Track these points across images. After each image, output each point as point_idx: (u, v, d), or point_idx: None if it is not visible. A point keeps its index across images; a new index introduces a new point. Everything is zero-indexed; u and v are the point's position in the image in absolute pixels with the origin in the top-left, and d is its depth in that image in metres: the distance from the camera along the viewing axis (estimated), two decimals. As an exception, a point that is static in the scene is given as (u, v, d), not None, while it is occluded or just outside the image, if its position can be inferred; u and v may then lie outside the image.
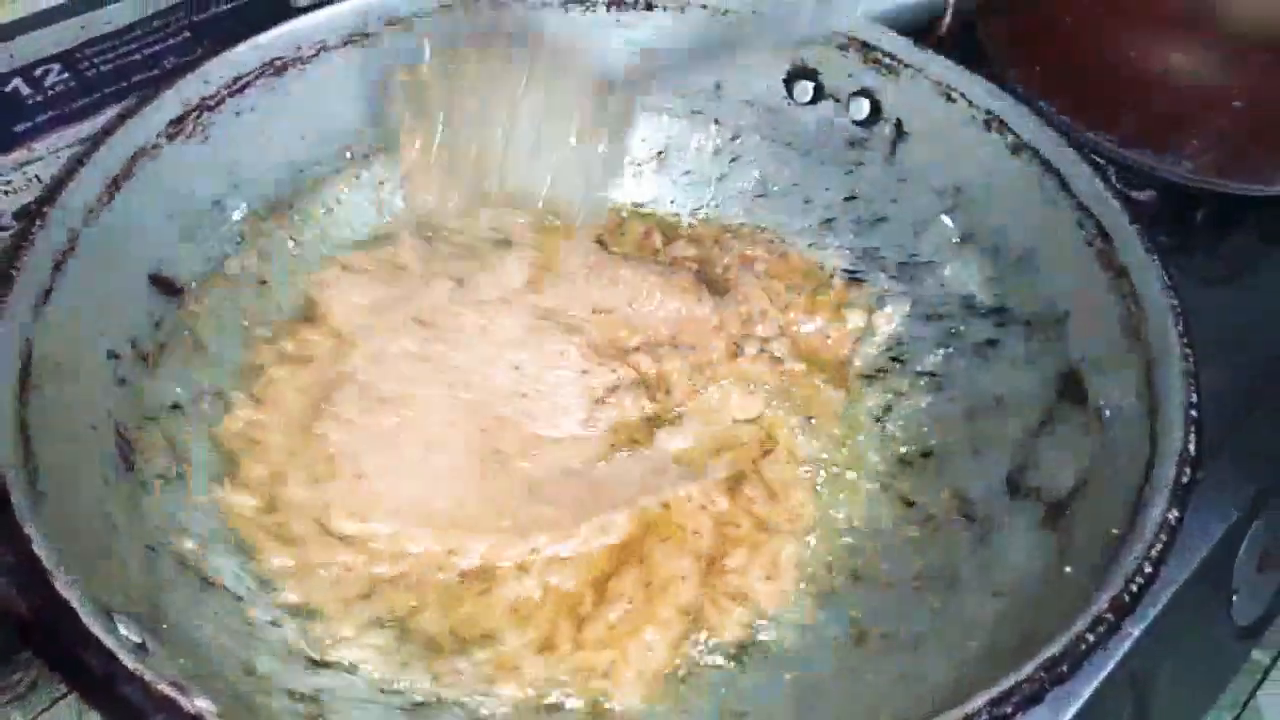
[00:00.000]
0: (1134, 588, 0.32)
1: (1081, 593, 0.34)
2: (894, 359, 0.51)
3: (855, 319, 0.52)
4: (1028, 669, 0.30)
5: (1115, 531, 0.35)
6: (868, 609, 0.43)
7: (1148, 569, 0.32)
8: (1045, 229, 0.46)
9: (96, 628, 0.29)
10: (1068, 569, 0.38)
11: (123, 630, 0.31)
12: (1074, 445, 0.42)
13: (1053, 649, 0.30)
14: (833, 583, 0.44)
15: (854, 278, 0.53)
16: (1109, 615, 0.31)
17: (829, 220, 0.54)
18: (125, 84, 0.60)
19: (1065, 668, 0.30)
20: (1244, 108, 0.54)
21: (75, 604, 0.29)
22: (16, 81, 0.60)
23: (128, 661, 0.28)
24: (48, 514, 0.33)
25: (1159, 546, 0.33)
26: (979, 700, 0.29)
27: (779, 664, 0.42)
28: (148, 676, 0.28)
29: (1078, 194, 0.45)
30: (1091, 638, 0.30)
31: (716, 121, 0.56)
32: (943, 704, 0.35)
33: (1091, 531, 0.38)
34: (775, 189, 0.55)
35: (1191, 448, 0.35)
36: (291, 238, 0.50)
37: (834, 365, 0.51)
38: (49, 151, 0.57)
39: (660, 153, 0.56)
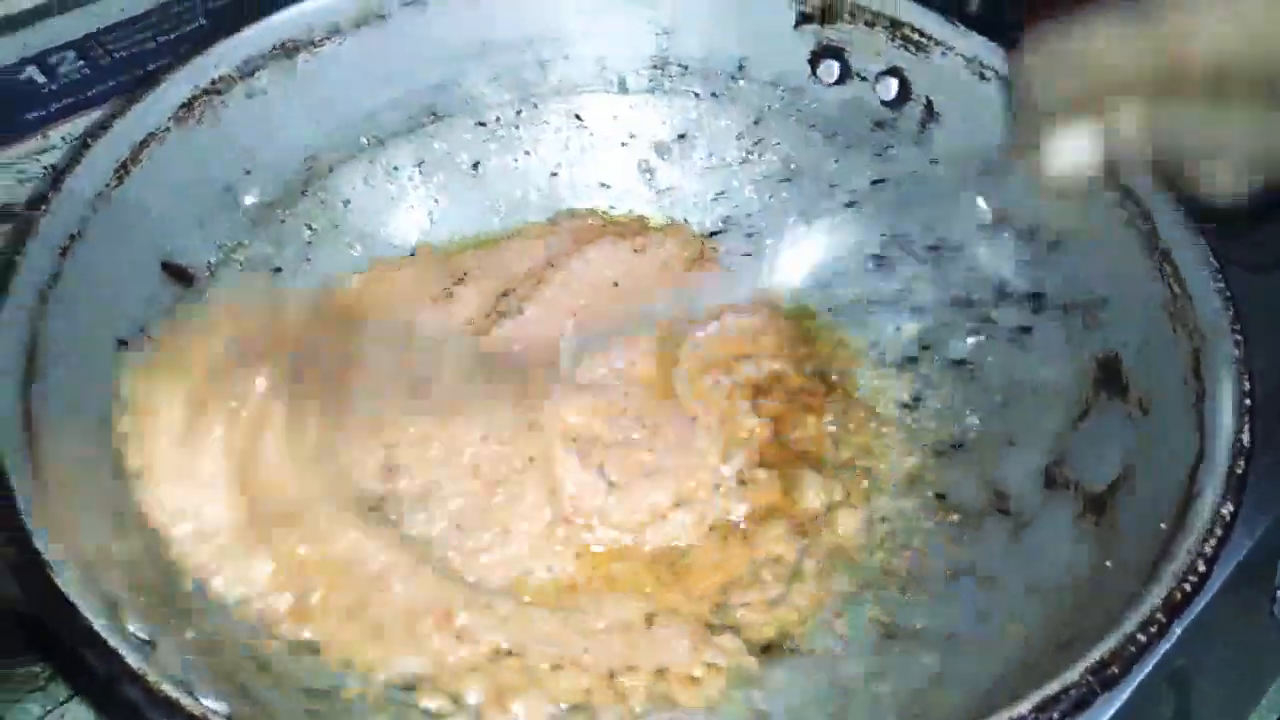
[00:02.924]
0: (1187, 586, 0.30)
1: (1126, 588, 0.33)
2: (923, 346, 0.49)
3: None
4: (1076, 671, 0.28)
5: (1163, 526, 0.33)
6: (897, 605, 0.42)
7: (1201, 566, 0.30)
8: (1083, 210, 0.44)
9: (99, 625, 0.28)
10: (1109, 564, 0.36)
11: (130, 627, 0.30)
12: (1115, 435, 0.40)
13: (1101, 650, 0.29)
14: (860, 579, 0.43)
15: (881, 262, 0.51)
16: (1160, 615, 0.29)
17: (854, 204, 0.53)
18: (140, 71, 0.59)
19: (1115, 670, 0.28)
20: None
21: (78, 601, 0.28)
22: (30, 69, 0.59)
23: (131, 661, 0.27)
24: (52, 507, 0.32)
25: (1212, 542, 0.31)
26: (1024, 705, 0.28)
27: (805, 663, 0.40)
28: (151, 676, 0.27)
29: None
30: (1143, 638, 0.29)
31: (738, 104, 0.54)
32: (982, 706, 0.34)
33: (1136, 525, 0.36)
34: (799, 173, 0.54)
35: (1245, 438, 0.33)
36: (306, 224, 0.49)
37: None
38: (63, 140, 0.56)
39: (681, 136, 0.55)
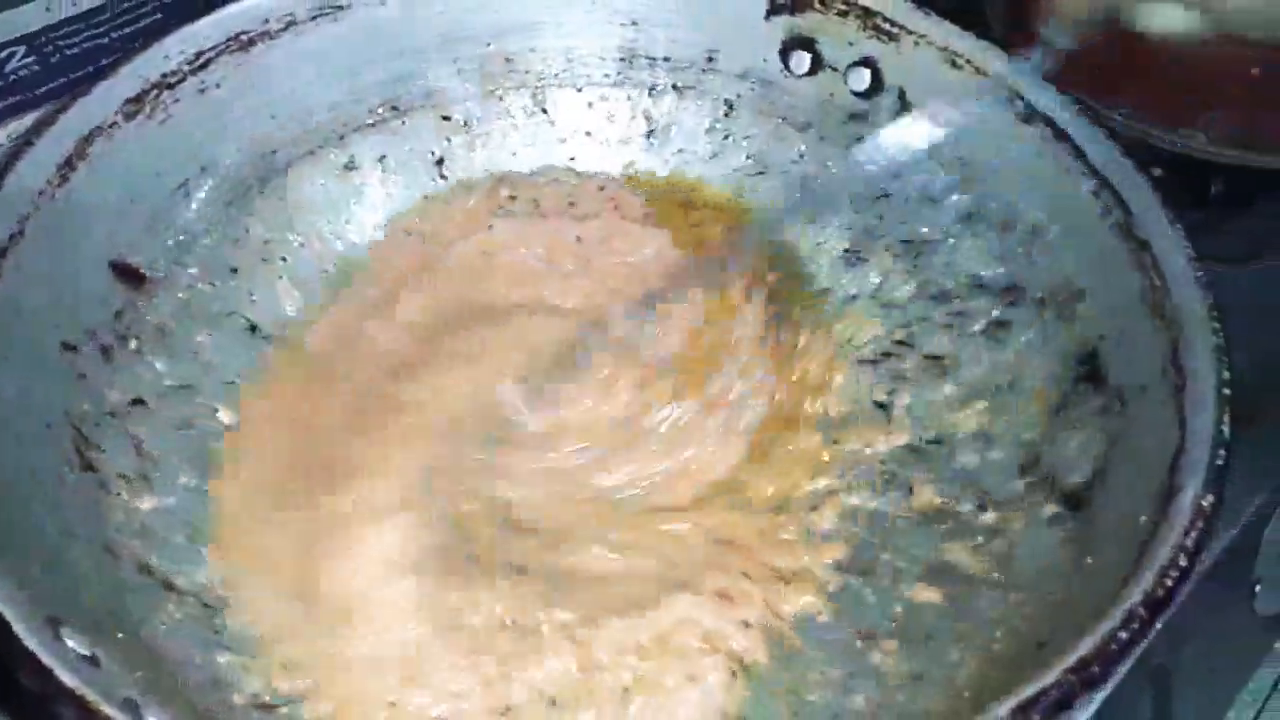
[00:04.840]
0: (1169, 581, 0.29)
1: (1107, 584, 0.32)
2: (899, 341, 0.48)
3: None
4: (1055, 672, 0.27)
5: (1144, 519, 0.32)
6: (875, 606, 0.41)
7: (1182, 561, 0.30)
8: (1059, 201, 0.44)
9: (33, 642, 0.26)
10: (1089, 559, 0.36)
11: (71, 643, 0.29)
12: (1093, 428, 0.39)
13: (1081, 649, 0.28)
14: (835, 579, 0.41)
15: (855, 257, 0.50)
16: (1142, 611, 0.28)
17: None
18: (93, 68, 0.58)
19: (1097, 669, 0.27)
20: (1263, 75, 0.52)
21: (10, 617, 0.27)
22: (-23, 66, 0.57)
23: (67, 679, 0.26)
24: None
25: (1194, 535, 0.30)
26: (1002, 708, 0.27)
27: (780, 669, 0.39)
28: (89, 696, 0.25)
29: (1094, 163, 0.42)
30: (1125, 635, 0.28)
31: (708, 97, 0.53)
32: (961, 707, 0.33)
33: (1115, 519, 0.35)
34: (771, 166, 0.53)
35: (1225, 428, 0.33)
36: (263, 222, 0.47)
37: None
38: (9, 139, 0.54)
39: (650, 132, 0.54)
